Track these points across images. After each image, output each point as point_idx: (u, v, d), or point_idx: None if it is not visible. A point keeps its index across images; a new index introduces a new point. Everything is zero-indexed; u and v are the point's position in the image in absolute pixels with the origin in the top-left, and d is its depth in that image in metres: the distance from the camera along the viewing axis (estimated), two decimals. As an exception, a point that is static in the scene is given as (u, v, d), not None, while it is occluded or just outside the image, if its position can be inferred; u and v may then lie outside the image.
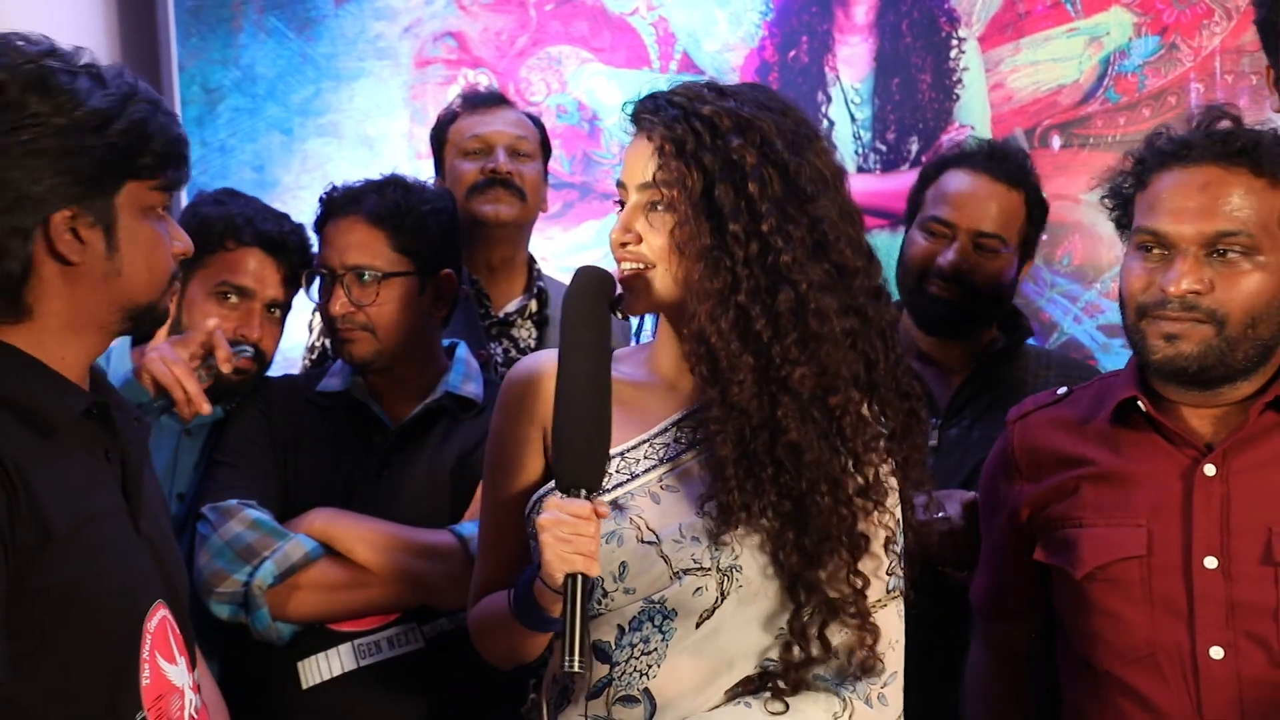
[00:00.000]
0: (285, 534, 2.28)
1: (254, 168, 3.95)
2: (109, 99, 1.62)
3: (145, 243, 1.66)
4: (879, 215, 3.60)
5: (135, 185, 1.64)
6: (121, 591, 1.62)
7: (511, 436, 1.87)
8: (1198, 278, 1.84)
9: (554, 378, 1.74)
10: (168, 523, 1.82)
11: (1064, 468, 1.98)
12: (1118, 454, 1.94)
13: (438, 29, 3.89)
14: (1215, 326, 1.84)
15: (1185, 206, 1.86)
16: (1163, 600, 1.87)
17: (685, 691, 1.73)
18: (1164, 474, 1.91)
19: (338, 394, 2.45)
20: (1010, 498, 2.05)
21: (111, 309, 1.66)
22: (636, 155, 1.80)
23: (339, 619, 2.31)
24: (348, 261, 2.40)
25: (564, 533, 1.62)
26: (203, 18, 3.95)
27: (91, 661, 1.59)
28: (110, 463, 1.68)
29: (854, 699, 1.74)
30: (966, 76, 3.54)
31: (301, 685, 2.30)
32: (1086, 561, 1.92)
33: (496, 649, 1.87)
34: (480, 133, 2.97)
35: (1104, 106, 3.43)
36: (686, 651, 1.73)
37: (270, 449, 2.40)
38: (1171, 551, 1.88)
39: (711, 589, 1.73)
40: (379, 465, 2.39)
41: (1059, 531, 1.97)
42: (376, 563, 2.28)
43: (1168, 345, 1.86)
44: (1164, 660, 1.87)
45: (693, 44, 3.75)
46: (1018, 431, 2.06)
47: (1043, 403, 2.07)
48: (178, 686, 1.69)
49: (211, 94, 3.96)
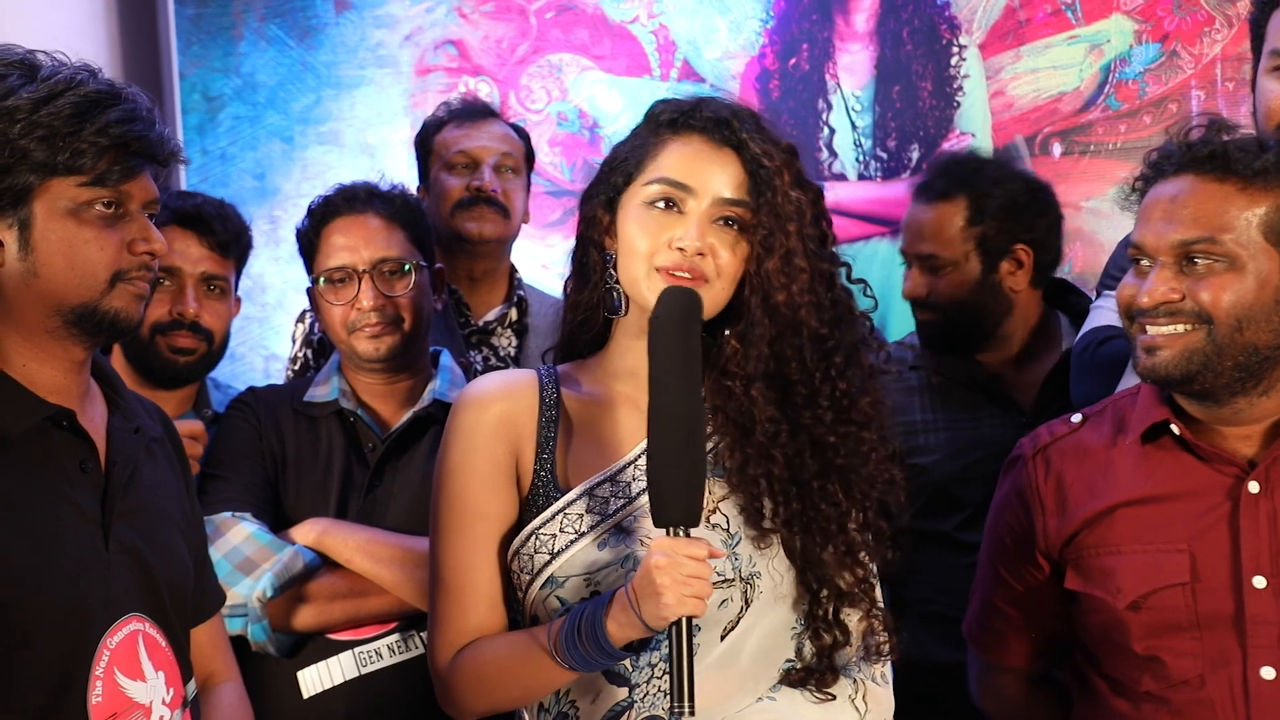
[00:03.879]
0: (283, 545, 2.28)
1: (255, 176, 3.95)
2: (30, 96, 1.58)
3: (64, 242, 1.60)
4: (880, 223, 3.60)
5: (60, 182, 1.60)
6: (64, 608, 1.58)
7: (478, 468, 1.78)
8: (1171, 287, 1.83)
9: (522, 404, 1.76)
10: (174, 533, 1.78)
11: (1095, 497, 1.94)
12: (1151, 478, 1.91)
13: (438, 37, 3.89)
14: (1204, 330, 1.83)
15: (1158, 217, 1.86)
16: (1210, 623, 1.84)
17: (712, 705, 1.70)
18: (1204, 494, 1.88)
19: (325, 403, 2.44)
20: (1033, 534, 1.99)
21: (44, 312, 1.62)
22: (716, 163, 1.75)
23: (339, 629, 2.31)
24: (373, 256, 2.41)
25: (683, 574, 1.56)
26: (204, 26, 3.95)
27: (23, 679, 1.55)
28: (86, 473, 1.65)
29: (864, 679, 1.78)
30: (967, 84, 3.54)
31: (302, 695, 2.29)
32: (1128, 591, 1.87)
33: (500, 697, 1.77)
34: (466, 148, 2.96)
35: (1105, 114, 3.43)
36: (712, 667, 1.72)
37: (261, 460, 2.39)
38: (1218, 573, 1.85)
39: (737, 599, 1.73)
40: (371, 474, 2.38)
41: (1094, 560, 1.93)
42: (374, 571, 2.28)
43: (1148, 357, 1.85)
44: (1212, 684, 1.84)
45: (693, 52, 3.75)
46: (1039, 467, 2.00)
47: (1059, 433, 2.02)
48: (141, 704, 1.65)
49: (212, 102, 3.96)
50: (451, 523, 1.79)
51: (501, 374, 1.90)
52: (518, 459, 1.79)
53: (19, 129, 1.57)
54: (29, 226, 1.60)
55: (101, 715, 1.61)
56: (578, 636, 1.64)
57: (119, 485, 1.67)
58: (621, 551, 1.71)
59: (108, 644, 1.62)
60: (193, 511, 1.87)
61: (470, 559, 1.78)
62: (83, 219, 1.62)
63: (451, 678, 1.77)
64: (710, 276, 1.73)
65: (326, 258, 2.44)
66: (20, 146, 1.57)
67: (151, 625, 1.68)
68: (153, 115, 1.67)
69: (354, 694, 2.29)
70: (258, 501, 2.35)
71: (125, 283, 1.65)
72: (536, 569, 1.75)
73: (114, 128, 1.61)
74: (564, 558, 1.74)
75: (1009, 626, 2.07)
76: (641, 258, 1.75)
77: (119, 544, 1.66)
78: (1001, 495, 2.06)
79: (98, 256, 1.62)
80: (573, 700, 1.75)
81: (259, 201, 3.93)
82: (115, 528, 1.66)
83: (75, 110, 1.59)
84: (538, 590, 1.75)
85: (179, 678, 1.73)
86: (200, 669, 1.84)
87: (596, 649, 1.64)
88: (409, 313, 2.41)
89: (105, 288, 1.63)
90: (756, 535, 1.74)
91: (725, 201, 1.74)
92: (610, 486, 1.75)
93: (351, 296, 2.40)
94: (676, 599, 1.56)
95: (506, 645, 1.74)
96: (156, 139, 1.66)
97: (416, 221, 2.49)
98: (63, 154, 1.58)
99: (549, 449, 1.79)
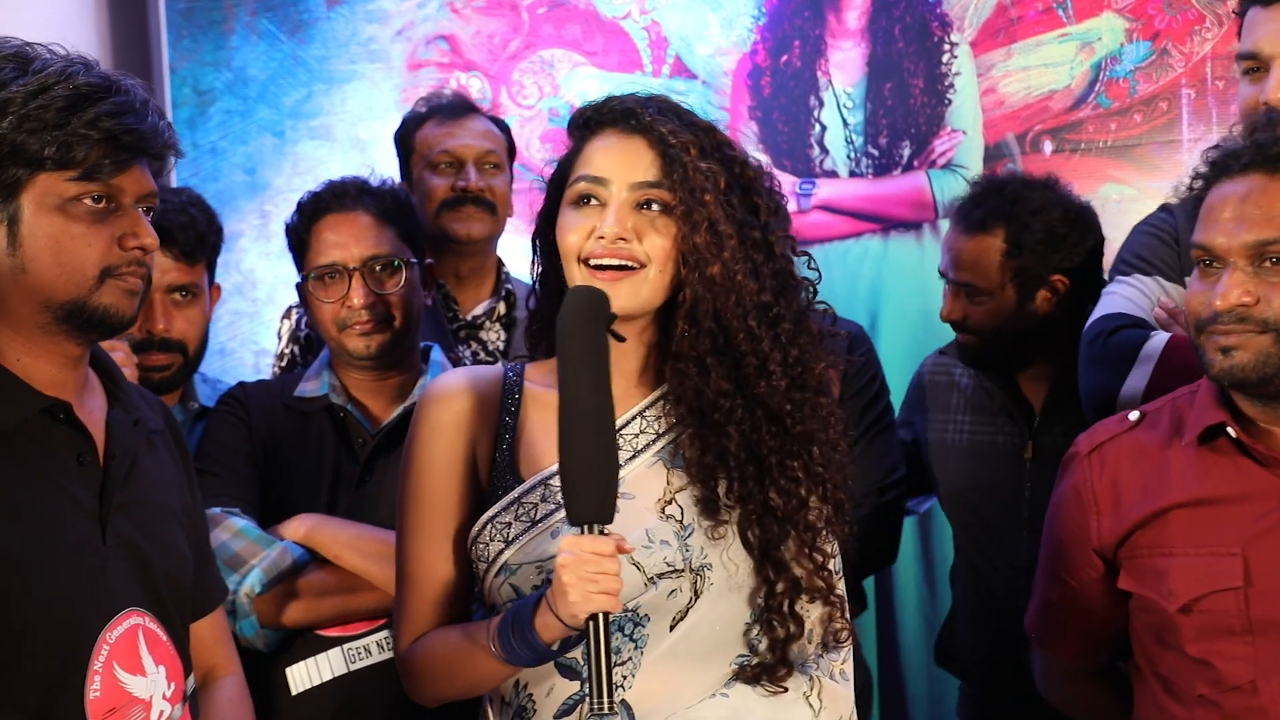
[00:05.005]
0: (271, 541, 2.28)
1: (245, 170, 3.94)
2: (21, 89, 1.57)
3: (51, 237, 1.60)
4: (871, 219, 3.60)
5: (50, 177, 1.59)
6: (60, 602, 1.58)
7: (439, 461, 1.81)
8: (1245, 289, 1.81)
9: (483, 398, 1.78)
10: (174, 527, 1.77)
11: (1151, 498, 1.93)
12: (1206, 479, 1.89)
13: (430, 32, 3.88)
14: (1272, 335, 1.81)
15: (1228, 218, 1.83)
16: (1264, 628, 1.83)
17: (664, 698, 1.73)
18: (1260, 499, 1.86)
19: (315, 399, 2.44)
20: (1087, 533, 1.99)
21: (33, 308, 1.61)
22: (626, 152, 1.77)
23: (327, 625, 2.30)
24: (364, 253, 2.40)
25: (588, 571, 1.58)
26: (194, 20, 3.94)
27: (19, 673, 1.55)
28: (83, 466, 1.64)
29: (820, 676, 1.78)
30: (958, 81, 3.54)
31: (291, 691, 2.29)
32: (1180, 594, 1.87)
33: (448, 687, 1.82)
34: (450, 147, 2.93)
35: (1096, 112, 3.43)
36: (662, 658, 1.73)
37: (250, 456, 2.39)
38: (1272, 578, 1.83)
39: (686, 590, 1.74)
40: (361, 470, 2.38)
41: (1147, 561, 1.92)
42: (363, 567, 2.27)
43: (1224, 358, 1.83)
44: (1265, 690, 1.83)
45: (685, 48, 3.75)
46: (1095, 465, 1.99)
47: (1116, 431, 2.00)
48: (140, 698, 1.66)
49: (203, 96, 3.95)
50: (412, 516, 1.84)
51: (466, 370, 1.92)
52: (476, 452, 1.81)
53: (9, 122, 1.57)
54: (17, 221, 1.59)
55: (99, 710, 1.61)
56: (511, 634, 1.68)
57: (117, 478, 1.67)
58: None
59: (107, 638, 1.62)
60: (194, 505, 1.86)
61: (428, 551, 1.82)
62: (71, 214, 1.61)
63: (407, 665, 1.83)
64: (643, 261, 1.75)
65: (317, 255, 2.43)
66: (10, 140, 1.57)
67: (152, 619, 1.68)
68: (147, 108, 1.66)
69: (343, 690, 2.29)
70: (247, 497, 2.34)
71: (115, 279, 1.64)
72: (491, 557, 1.78)
73: (104, 120, 1.60)
74: (516, 546, 1.77)
75: (1068, 623, 2.06)
76: (570, 254, 1.78)
77: (117, 537, 1.65)
78: (1059, 493, 2.05)
79: (85, 252, 1.61)
80: (530, 694, 1.77)
81: (250, 196, 3.93)
82: (113, 521, 1.65)
83: (66, 103, 1.58)
84: (493, 578, 1.78)
85: (180, 672, 1.73)
86: (202, 663, 1.84)
87: (528, 646, 1.67)
88: (400, 310, 2.41)
89: (94, 284, 1.62)
90: (711, 525, 1.75)
91: (640, 185, 1.76)
92: None
93: (342, 294, 2.39)
94: (582, 596, 1.58)
95: (453, 639, 1.78)
96: (150, 131, 1.65)
97: (406, 218, 2.48)
98: (51, 147, 1.58)
99: (508, 441, 1.82)
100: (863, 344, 2.78)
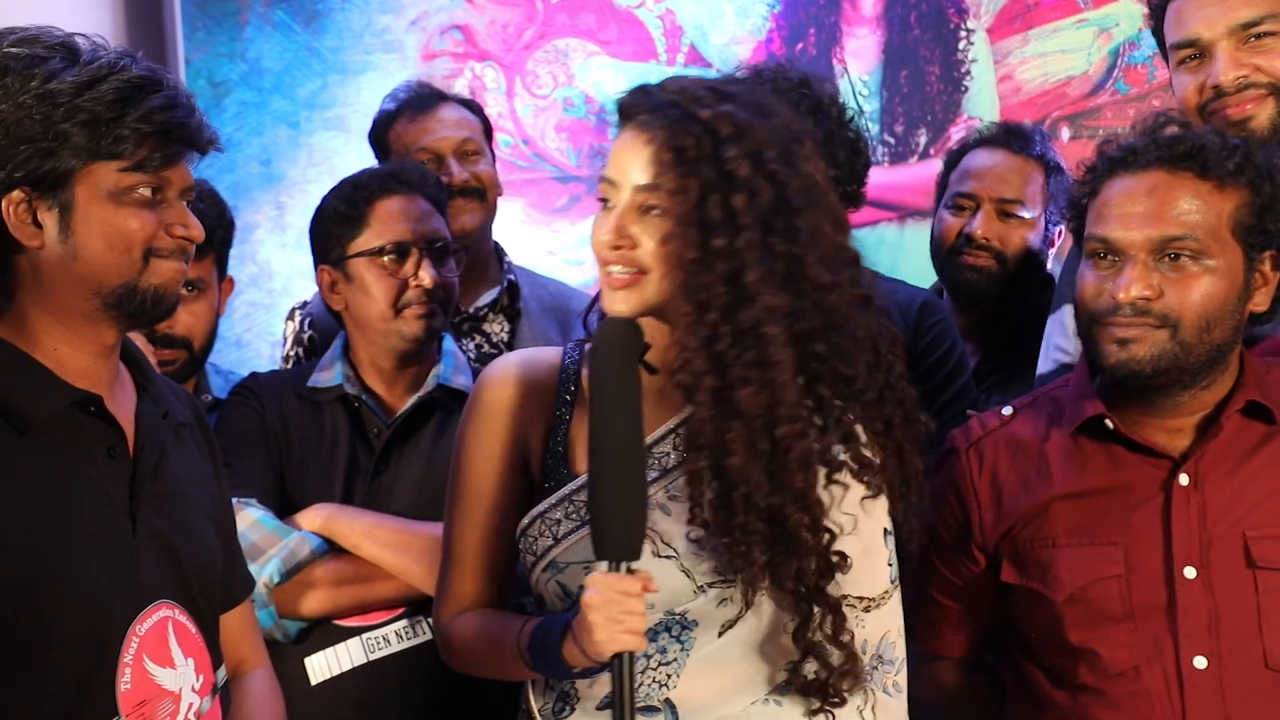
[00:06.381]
0: (289, 531, 2.28)
1: (261, 161, 3.94)
2: (74, 80, 1.58)
3: (104, 224, 1.61)
4: (887, 208, 3.59)
5: (102, 167, 1.60)
6: (90, 593, 1.59)
7: (490, 446, 1.81)
8: (1147, 283, 1.84)
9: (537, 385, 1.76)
10: (203, 519, 1.78)
11: (1030, 491, 1.96)
12: (1085, 471, 1.93)
13: (444, 22, 3.88)
14: (1169, 330, 1.84)
15: (1133, 212, 1.86)
16: (1144, 614, 1.87)
17: (710, 700, 1.70)
18: (1137, 488, 1.90)
19: (329, 389, 2.43)
20: (969, 528, 2.01)
21: (83, 295, 1.62)
22: (632, 153, 1.70)
23: (346, 614, 2.30)
24: (428, 234, 2.41)
25: (614, 612, 1.56)
26: (209, 11, 3.94)
27: (50, 664, 1.56)
28: (113, 459, 1.65)
29: (875, 690, 1.74)
30: (975, 68, 3.52)
31: (311, 681, 2.29)
32: (1065, 584, 1.90)
33: (483, 669, 1.85)
34: (426, 144, 2.86)
35: (1113, 98, 3.42)
36: (707, 661, 1.71)
37: (265, 446, 2.38)
38: (1151, 565, 1.88)
39: (738, 599, 1.71)
40: (376, 460, 2.38)
41: (1030, 553, 1.95)
42: (381, 556, 2.27)
43: (1121, 350, 1.85)
44: (1147, 674, 1.86)
45: (700, 37, 3.74)
46: (973, 461, 2.01)
47: (991, 426, 2.03)
48: (170, 690, 1.66)
49: (218, 87, 3.95)
50: (459, 498, 1.85)
51: (524, 352, 1.89)
52: (529, 439, 1.80)
53: (61, 113, 1.58)
54: (70, 210, 1.61)
55: (130, 702, 1.61)
56: (543, 649, 1.68)
57: (147, 471, 1.68)
58: None
59: (136, 631, 1.63)
60: (221, 497, 1.87)
61: (472, 534, 1.83)
62: (123, 202, 1.63)
63: (447, 638, 1.87)
64: (647, 265, 1.68)
65: (378, 233, 2.40)
66: (62, 130, 1.58)
67: (181, 612, 1.69)
68: (192, 102, 1.68)
69: (363, 680, 2.29)
70: (263, 487, 2.34)
71: (160, 259, 1.65)
72: (540, 552, 1.76)
73: (157, 114, 1.62)
74: (566, 544, 1.75)
75: (944, 618, 2.08)
76: (597, 256, 1.74)
77: (146, 530, 1.66)
78: (935, 488, 2.04)
79: (136, 235, 1.63)
80: (574, 682, 1.76)
81: (265, 187, 3.93)
82: (143, 513, 1.66)
83: (119, 96, 1.60)
84: (540, 573, 1.77)
85: (209, 664, 1.73)
86: (230, 655, 1.84)
87: (557, 666, 1.67)
88: (451, 295, 2.43)
89: (141, 265, 1.64)
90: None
91: (640, 189, 1.69)
92: None
93: (407, 273, 2.38)
94: (608, 636, 1.57)
95: (488, 630, 1.79)
96: (196, 126, 1.67)
97: (445, 207, 2.51)
98: (106, 139, 1.59)
99: (562, 431, 1.79)
100: (935, 313, 2.53)
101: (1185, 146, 1.87)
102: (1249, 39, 2.22)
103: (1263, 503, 1.87)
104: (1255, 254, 1.87)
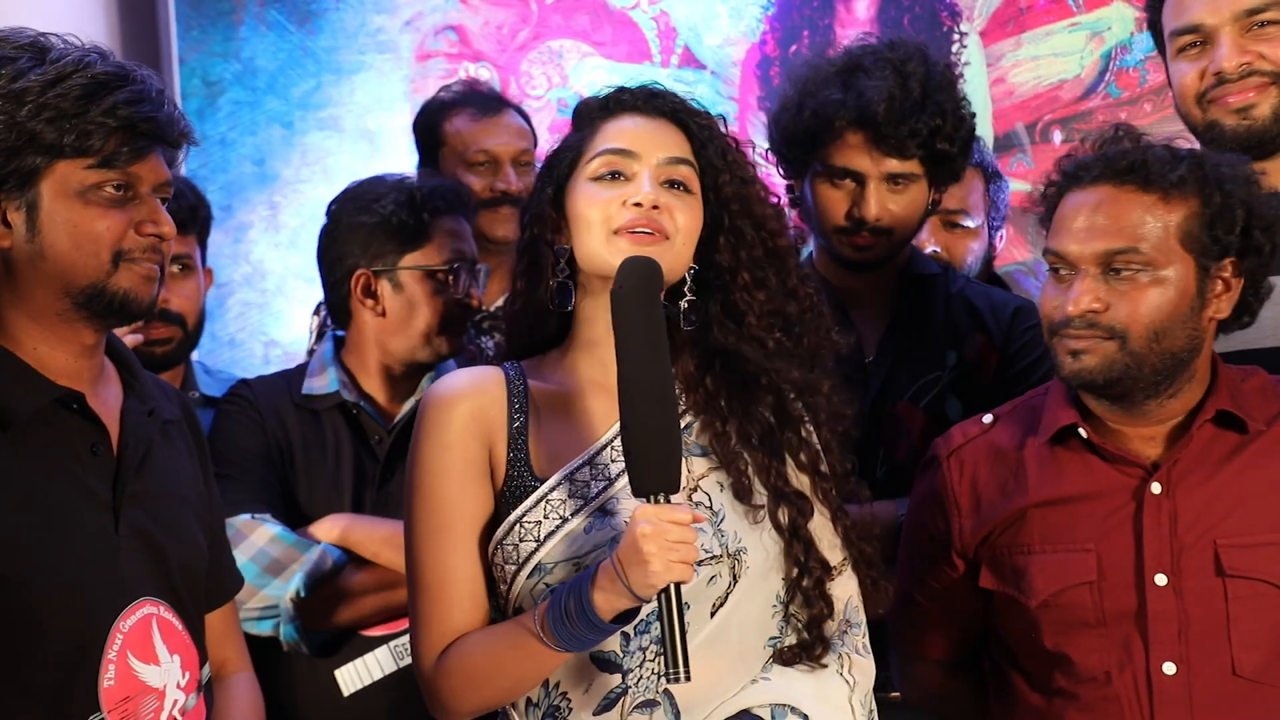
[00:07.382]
0: (309, 544, 2.27)
1: (254, 161, 3.94)
2: (39, 78, 1.58)
3: (69, 224, 1.61)
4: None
5: (68, 164, 1.60)
6: (72, 590, 1.58)
7: (451, 463, 1.76)
8: (1095, 296, 1.88)
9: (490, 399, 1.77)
10: (188, 517, 1.77)
11: (1008, 498, 2.00)
12: (1060, 479, 1.96)
13: (439, 22, 3.88)
14: (1118, 342, 1.87)
15: (1081, 227, 1.90)
16: (1115, 620, 1.90)
17: (707, 686, 1.71)
18: (1110, 495, 1.94)
19: (326, 396, 2.42)
20: (949, 535, 2.04)
21: (53, 294, 1.62)
22: (654, 130, 1.80)
23: (371, 624, 2.30)
24: (474, 258, 2.47)
25: (669, 540, 1.56)
26: (203, 10, 3.94)
27: (33, 660, 1.56)
28: (97, 456, 1.65)
29: (848, 652, 1.80)
30: (968, 71, 3.53)
31: (343, 693, 2.28)
32: (1039, 590, 1.93)
33: (488, 692, 1.75)
34: (488, 146, 2.90)
35: (1105, 101, 3.43)
36: (702, 647, 1.71)
37: (268, 458, 2.36)
38: (1123, 572, 1.91)
39: (725, 575, 1.74)
40: (383, 467, 2.37)
41: (1007, 559, 1.98)
42: (401, 563, 2.26)
43: (1074, 361, 1.90)
44: (1118, 679, 1.89)
45: (694, 38, 3.75)
46: (954, 468, 2.05)
47: (972, 434, 2.06)
48: (154, 688, 1.66)
49: (212, 87, 3.95)
50: (429, 523, 1.78)
51: (467, 370, 1.88)
52: (490, 453, 1.78)
53: (27, 111, 1.58)
54: (36, 208, 1.60)
55: (113, 698, 1.61)
56: (565, 615, 1.63)
57: (131, 468, 1.68)
58: (607, 534, 1.71)
59: (120, 627, 1.63)
60: (209, 495, 1.86)
61: (451, 558, 1.76)
62: (90, 200, 1.62)
63: (439, 678, 1.76)
64: (671, 233, 1.76)
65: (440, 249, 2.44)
66: (28, 129, 1.58)
67: (166, 609, 1.69)
68: (163, 97, 1.67)
69: (395, 688, 2.28)
70: (272, 500, 2.33)
71: (130, 263, 1.64)
72: (522, 558, 1.74)
73: (122, 109, 1.61)
74: (550, 544, 1.74)
75: (927, 620, 2.11)
76: (597, 226, 1.76)
77: (130, 527, 1.66)
78: (918, 495, 2.11)
79: (102, 236, 1.62)
80: (564, 692, 1.74)
81: (259, 187, 3.93)
82: (127, 510, 1.66)
83: (83, 92, 1.59)
84: (524, 580, 1.74)
85: (195, 661, 1.73)
86: (213, 656, 1.84)
87: (585, 624, 1.62)
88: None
89: (110, 267, 1.63)
90: (746, 509, 1.76)
91: (670, 160, 1.78)
92: (589, 470, 1.76)
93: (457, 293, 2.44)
94: (664, 565, 1.56)
95: (493, 636, 1.73)
96: (166, 120, 1.66)
97: None
98: (70, 135, 1.58)
99: (521, 440, 1.79)
100: (1029, 317, 2.49)
101: (1129, 160, 1.91)
102: (1253, 26, 2.23)
103: (1234, 511, 1.90)
104: (1210, 262, 1.89)
